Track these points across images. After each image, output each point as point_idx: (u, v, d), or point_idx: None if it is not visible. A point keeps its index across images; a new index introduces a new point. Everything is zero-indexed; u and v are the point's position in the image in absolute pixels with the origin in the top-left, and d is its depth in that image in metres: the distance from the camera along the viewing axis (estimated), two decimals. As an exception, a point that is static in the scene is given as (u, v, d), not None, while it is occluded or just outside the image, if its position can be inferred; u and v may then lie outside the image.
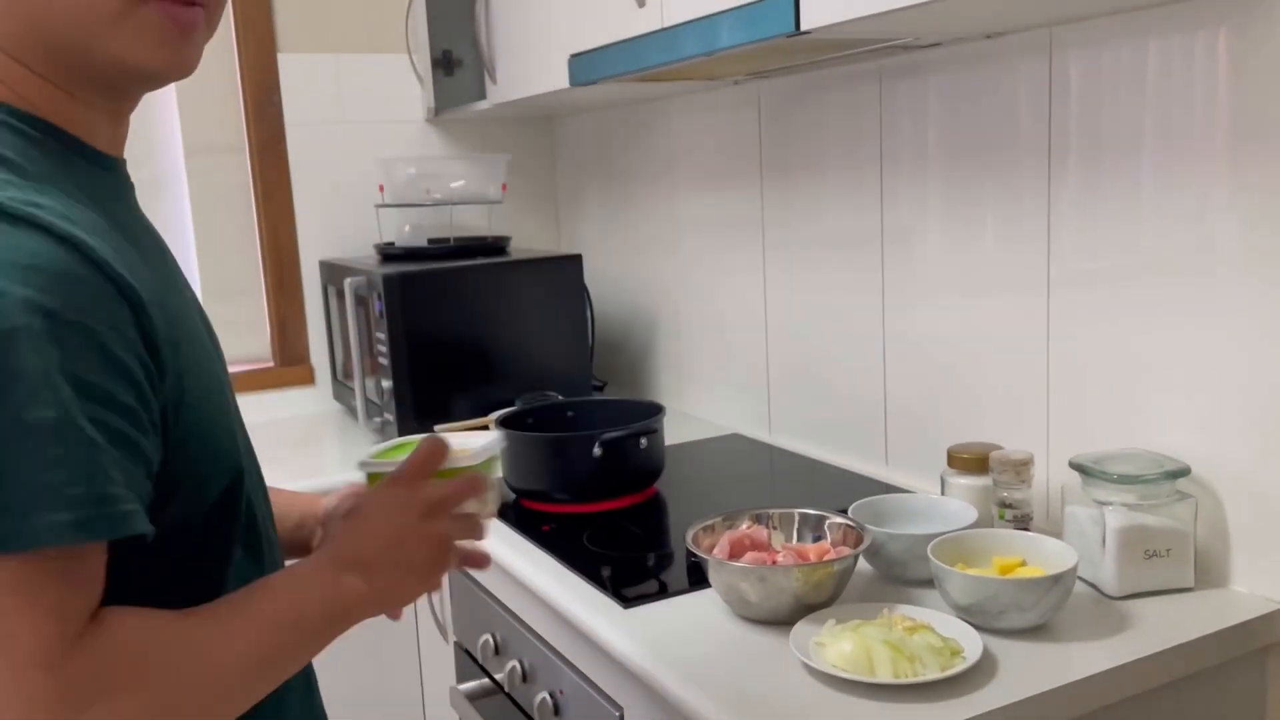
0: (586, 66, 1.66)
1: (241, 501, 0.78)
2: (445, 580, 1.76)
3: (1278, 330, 1.12)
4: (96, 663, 0.63)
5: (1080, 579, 1.23)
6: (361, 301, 2.08)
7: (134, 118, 0.81)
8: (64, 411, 0.61)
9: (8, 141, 0.69)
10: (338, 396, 2.40)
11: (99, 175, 0.75)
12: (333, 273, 2.26)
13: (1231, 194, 1.15)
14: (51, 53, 0.70)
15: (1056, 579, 1.10)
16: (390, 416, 2.00)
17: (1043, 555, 1.18)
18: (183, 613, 0.70)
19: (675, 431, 2.01)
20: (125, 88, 0.76)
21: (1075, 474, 1.24)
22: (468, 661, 1.69)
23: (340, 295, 2.17)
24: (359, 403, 2.15)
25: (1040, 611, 1.10)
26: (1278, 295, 1.12)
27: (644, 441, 1.62)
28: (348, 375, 2.25)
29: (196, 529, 0.74)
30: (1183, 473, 1.20)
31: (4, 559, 0.60)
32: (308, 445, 2.23)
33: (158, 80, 0.75)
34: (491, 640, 1.57)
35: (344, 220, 2.43)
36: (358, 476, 1.01)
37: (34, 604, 0.62)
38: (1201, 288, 1.20)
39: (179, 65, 0.74)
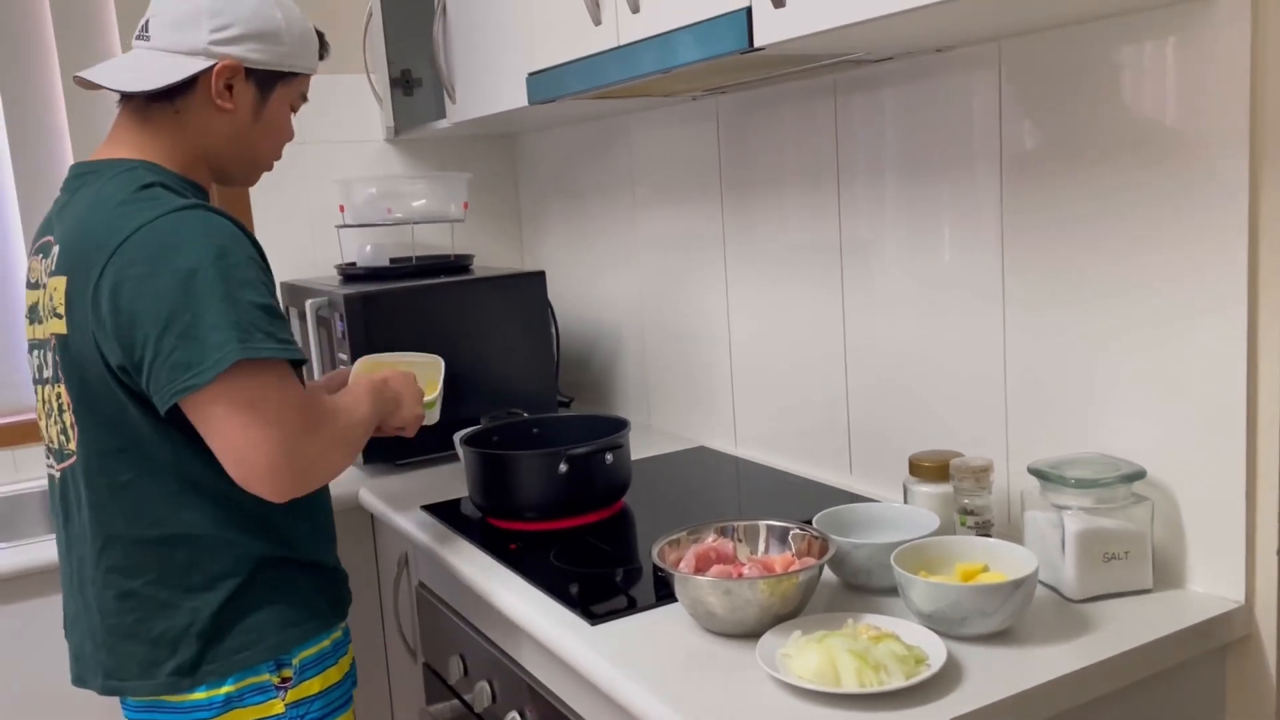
0: (544, 84, 1.67)
1: None
2: (412, 600, 1.75)
3: (1224, 333, 1.15)
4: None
5: (1041, 583, 1.25)
6: (323, 322, 2.07)
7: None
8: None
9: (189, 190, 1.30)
10: (301, 418, 2.38)
11: None
12: (294, 294, 2.24)
13: (1178, 202, 1.18)
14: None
15: (1018, 584, 1.11)
16: (354, 438, 1.98)
17: (1004, 561, 1.20)
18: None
19: (641, 446, 2.02)
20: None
21: (1034, 479, 1.26)
22: (437, 683, 1.68)
23: (302, 316, 2.16)
24: (323, 424, 2.12)
25: (1003, 617, 1.12)
26: (1222, 300, 1.14)
27: (610, 457, 1.62)
28: (311, 397, 2.23)
29: None
30: (1138, 475, 1.22)
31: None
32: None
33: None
34: (460, 661, 1.56)
35: (305, 241, 2.42)
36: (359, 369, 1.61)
37: None
38: (1152, 294, 1.22)
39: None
